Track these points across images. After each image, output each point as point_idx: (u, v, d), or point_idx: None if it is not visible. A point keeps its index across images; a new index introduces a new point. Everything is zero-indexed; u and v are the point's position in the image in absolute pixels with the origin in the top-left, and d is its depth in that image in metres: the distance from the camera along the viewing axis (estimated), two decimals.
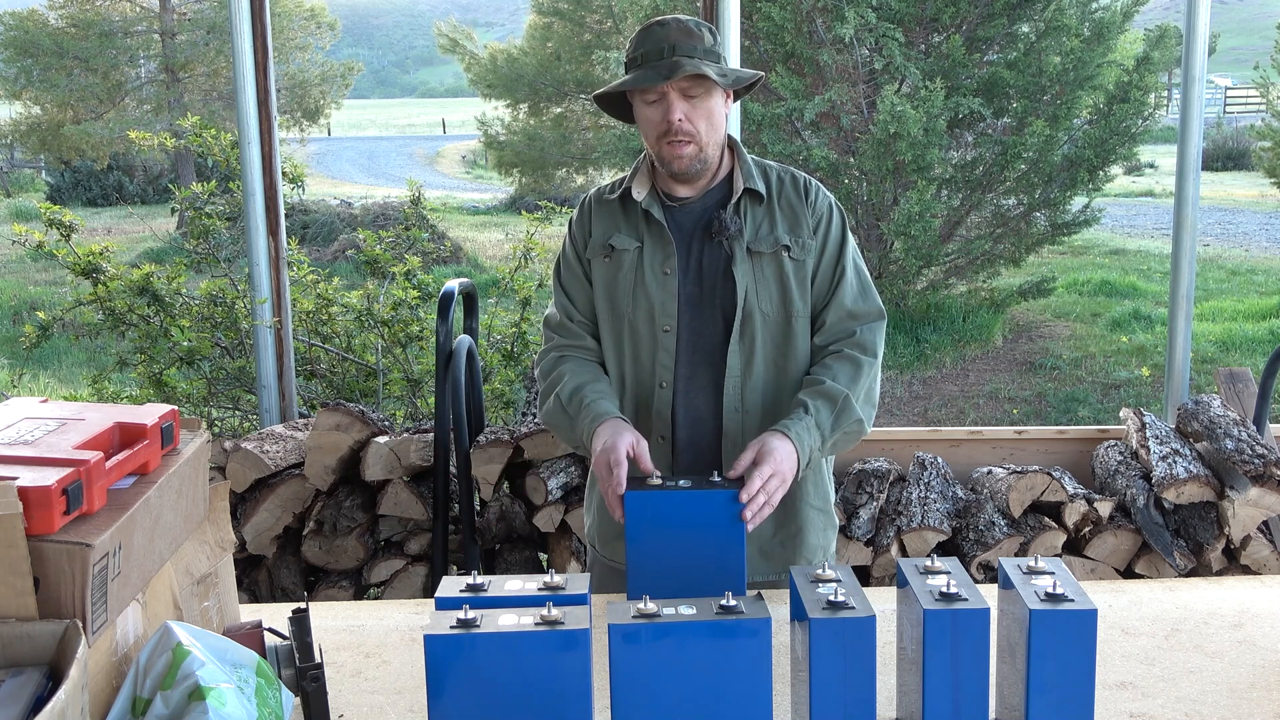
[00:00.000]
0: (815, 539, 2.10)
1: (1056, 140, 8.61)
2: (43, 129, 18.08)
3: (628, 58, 1.98)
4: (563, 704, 1.32)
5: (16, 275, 12.80)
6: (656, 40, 1.93)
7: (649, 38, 1.94)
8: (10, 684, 1.20)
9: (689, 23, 1.95)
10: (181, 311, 4.32)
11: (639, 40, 1.96)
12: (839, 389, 1.93)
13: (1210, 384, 7.16)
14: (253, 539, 3.26)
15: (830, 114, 8.73)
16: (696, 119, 1.93)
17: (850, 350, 1.99)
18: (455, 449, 3.23)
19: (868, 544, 3.20)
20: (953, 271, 9.52)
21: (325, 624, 1.86)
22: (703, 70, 1.88)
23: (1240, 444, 3.16)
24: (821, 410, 1.91)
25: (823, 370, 1.98)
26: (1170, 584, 2.00)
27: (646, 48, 1.93)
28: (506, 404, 4.36)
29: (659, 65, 1.90)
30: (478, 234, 15.59)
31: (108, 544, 1.30)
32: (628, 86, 1.95)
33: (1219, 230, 14.91)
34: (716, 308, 2.01)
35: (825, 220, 2.04)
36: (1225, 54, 40.33)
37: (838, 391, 1.93)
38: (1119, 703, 1.58)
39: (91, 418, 1.48)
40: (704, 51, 1.92)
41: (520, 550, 3.32)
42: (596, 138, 14.37)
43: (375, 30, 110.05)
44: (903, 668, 1.49)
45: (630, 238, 2.04)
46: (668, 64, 1.90)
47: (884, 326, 2.05)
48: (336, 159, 28.83)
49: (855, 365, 1.97)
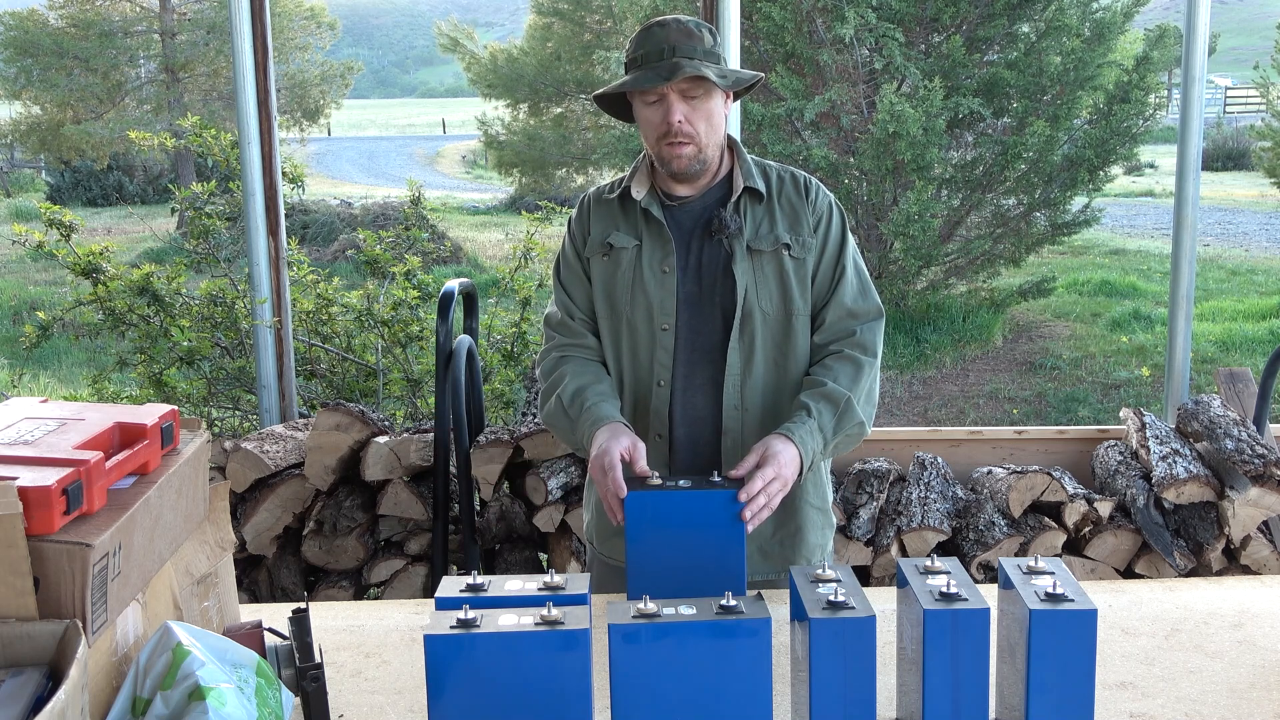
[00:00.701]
0: (814, 538, 2.11)
1: (1056, 140, 8.61)
2: (43, 129, 18.09)
3: (628, 58, 1.98)
4: (563, 704, 1.32)
5: (16, 275, 12.80)
6: (657, 41, 1.93)
7: (649, 38, 1.94)
8: (10, 684, 1.20)
9: (689, 24, 1.95)
10: (181, 311, 4.32)
11: (639, 41, 1.96)
12: (841, 391, 1.93)
13: (1210, 384, 7.16)
14: (253, 539, 3.26)
15: (830, 114, 8.73)
16: (696, 120, 1.94)
17: (851, 350, 1.99)
18: (455, 449, 3.23)
19: (868, 544, 3.20)
20: (953, 271, 9.52)
21: (325, 624, 1.86)
22: (703, 72, 1.88)
23: (1240, 444, 3.16)
24: (824, 413, 1.91)
25: (824, 371, 1.98)
26: (1170, 584, 2.00)
27: (647, 48, 1.94)
28: (506, 404, 4.36)
29: (659, 66, 1.91)
30: (478, 234, 15.59)
31: (108, 544, 1.30)
32: (627, 88, 1.95)
33: (1219, 230, 14.91)
34: (716, 306, 2.01)
35: (825, 219, 2.04)
36: (1225, 54, 40.33)
37: (840, 394, 1.93)
38: (1119, 703, 1.58)
39: (91, 418, 1.48)
40: (704, 52, 1.93)
41: (520, 550, 3.32)
42: (596, 138, 14.38)
43: (375, 30, 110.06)
44: (903, 668, 1.49)
45: (629, 236, 2.04)
46: (668, 65, 1.90)
47: (883, 325, 2.05)
48: (336, 159, 28.83)
49: (856, 366, 1.97)
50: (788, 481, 1.82)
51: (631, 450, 1.84)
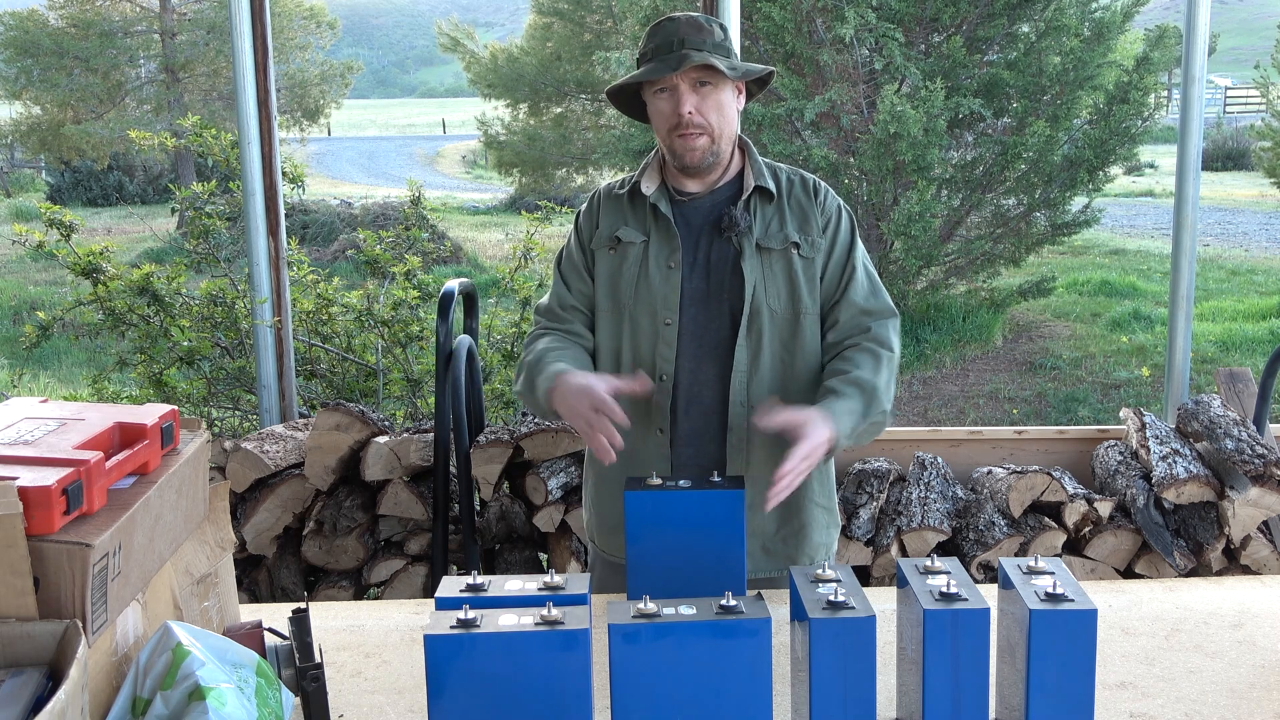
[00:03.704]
0: (819, 536, 2.10)
1: (1056, 140, 8.62)
2: (43, 129, 18.10)
3: (639, 53, 2.02)
4: (563, 704, 1.32)
5: (16, 275, 12.80)
6: (667, 34, 1.97)
7: (659, 32, 1.99)
8: (10, 684, 1.20)
9: (699, 18, 1.99)
10: (181, 311, 4.32)
11: (650, 35, 2.00)
12: (867, 378, 1.92)
13: (1210, 384, 7.16)
14: (253, 539, 3.26)
15: (830, 114, 8.73)
16: (707, 111, 1.96)
17: (869, 344, 1.98)
18: (455, 449, 3.23)
19: (868, 544, 3.20)
20: (953, 271, 9.53)
21: (325, 624, 1.86)
22: (711, 61, 1.91)
23: (1240, 444, 3.16)
24: (854, 397, 1.89)
25: (845, 362, 1.96)
26: (1170, 584, 2.00)
27: (657, 41, 1.97)
28: (506, 404, 4.36)
29: (668, 58, 1.94)
30: (478, 234, 15.59)
31: (108, 544, 1.30)
32: (638, 79, 1.98)
33: (1219, 230, 14.91)
34: (724, 303, 2.01)
35: (834, 221, 2.05)
36: (1225, 54, 40.31)
37: (867, 380, 1.91)
38: (1119, 703, 1.58)
39: (91, 418, 1.48)
40: (714, 45, 1.96)
41: (520, 550, 3.32)
42: (596, 138, 14.38)
43: (375, 30, 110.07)
44: (903, 668, 1.49)
45: (637, 231, 2.05)
46: (677, 56, 1.93)
47: (898, 325, 2.05)
48: (336, 159, 28.83)
49: (875, 358, 1.97)
50: (814, 462, 1.80)
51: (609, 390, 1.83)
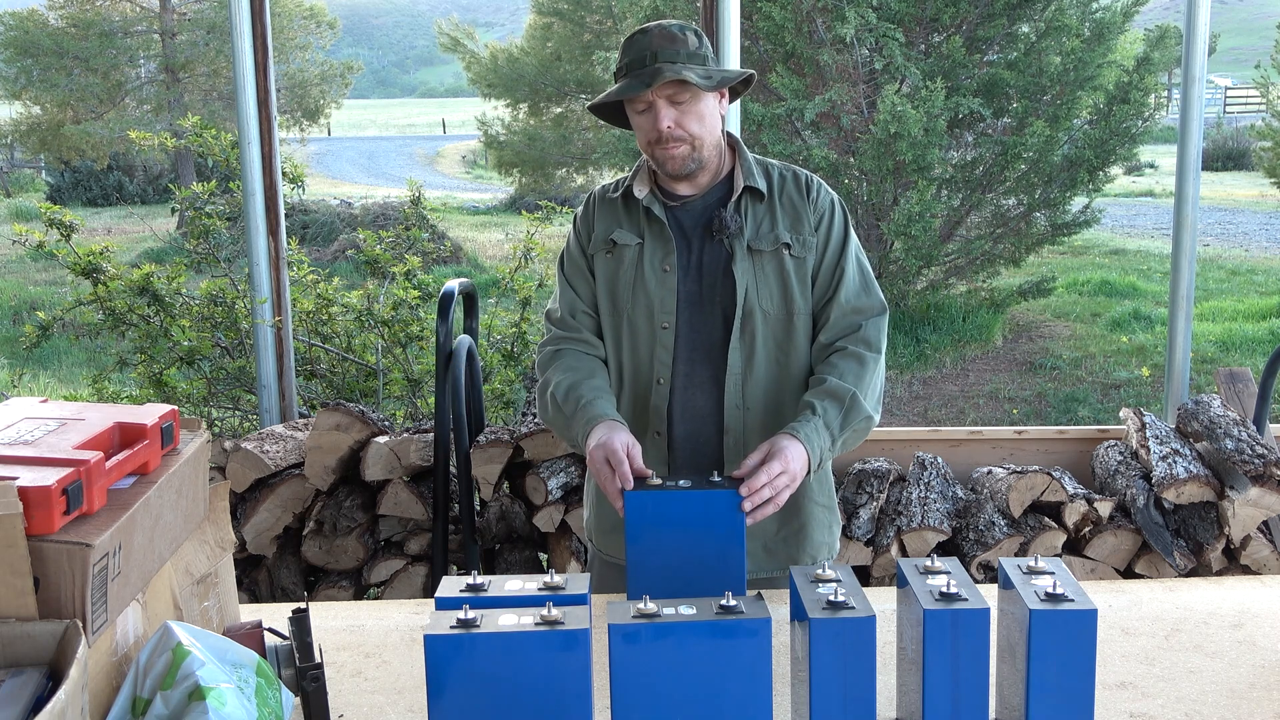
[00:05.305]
0: (820, 536, 2.11)
1: (1056, 140, 8.61)
2: (43, 129, 18.10)
3: (616, 68, 2.00)
4: (563, 704, 1.32)
5: (16, 275, 12.80)
6: (639, 49, 1.95)
7: (632, 46, 1.97)
8: (10, 684, 1.20)
9: (672, 28, 1.96)
10: (181, 311, 4.32)
11: (624, 50, 1.99)
12: (845, 387, 1.93)
13: (1210, 384, 7.16)
14: (253, 539, 3.26)
15: (830, 114, 8.72)
16: (687, 123, 1.94)
17: (855, 347, 1.99)
18: (455, 449, 3.23)
19: (868, 544, 3.20)
20: (953, 271, 9.52)
21: (325, 624, 1.86)
22: (683, 75, 1.89)
23: (1240, 444, 3.16)
24: (830, 410, 1.91)
25: (828, 369, 1.98)
26: (1170, 584, 2.00)
27: (631, 56, 1.96)
28: (506, 404, 4.36)
29: (641, 74, 1.93)
30: (478, 234, 15.59)
31: (108, 544, 1.30)
32: (613, 98, 1.98)
33: (1219, 230, 14.91)
34: (717, 305, 2.01)
35: (827, 217, 2.04)
36: (1225, 54, 40.33)
37: (844, 390, 1.93)
38: (1119, 703, 1.58)
39: (91, 418, 1.48)
40: (688, 55, 1.94)
41: (520, 550, 3.32)
42: (596, 138, 14.37)
43: (375, 30, 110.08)
44: (903, 668, 1.49)
45: (631, 234, 2.05)
46: (649, 71, 1.91)
47: (886, 320, 2.05)
48: (336, 159, 28.84)
49: (860, 362, 1.97)
50: (796, 478, 1.81)
51: (630, 448, 1.84)
